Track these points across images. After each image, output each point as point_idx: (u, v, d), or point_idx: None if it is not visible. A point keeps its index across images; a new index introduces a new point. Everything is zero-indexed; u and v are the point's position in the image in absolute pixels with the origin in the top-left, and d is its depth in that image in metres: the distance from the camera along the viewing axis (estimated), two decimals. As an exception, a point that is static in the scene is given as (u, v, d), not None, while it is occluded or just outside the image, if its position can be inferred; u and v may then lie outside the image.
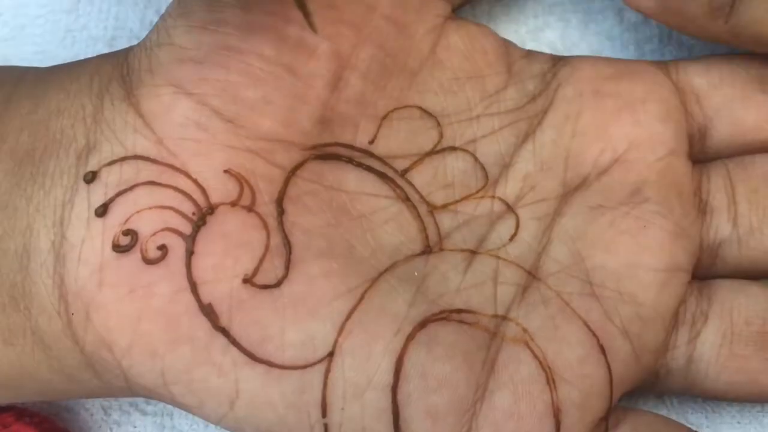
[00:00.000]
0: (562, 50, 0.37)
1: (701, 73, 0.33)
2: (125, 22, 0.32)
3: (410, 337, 0.27)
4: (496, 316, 0.28)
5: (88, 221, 0.27)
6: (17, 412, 0.33)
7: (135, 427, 0.34)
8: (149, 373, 0.27)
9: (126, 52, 0.30)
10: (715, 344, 0.30)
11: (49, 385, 0.28)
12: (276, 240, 0.27)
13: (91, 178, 0.27)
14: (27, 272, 0.27)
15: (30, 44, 0.39)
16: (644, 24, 0.38)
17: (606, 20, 0.37)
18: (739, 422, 0.32)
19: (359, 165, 0.30)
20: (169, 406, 0.34)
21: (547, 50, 0.36)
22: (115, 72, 0.29)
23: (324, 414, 0.26)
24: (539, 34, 0.37)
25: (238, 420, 0.27)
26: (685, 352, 0.30)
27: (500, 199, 0.31)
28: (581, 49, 0.37)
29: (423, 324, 0.27)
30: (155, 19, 0.37)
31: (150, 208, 0.27)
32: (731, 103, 0.32)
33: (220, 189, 0.27)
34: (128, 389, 0.28)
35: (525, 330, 0.28)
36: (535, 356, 0.28)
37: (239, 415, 0.27)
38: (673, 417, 0.33)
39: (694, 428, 0.30)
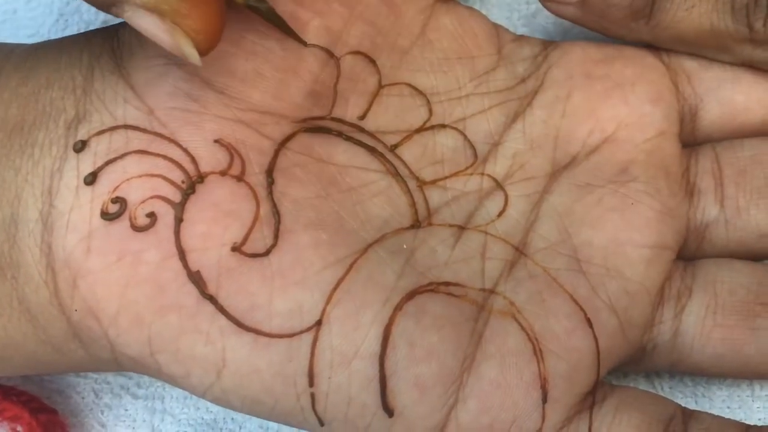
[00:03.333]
0: (555, 36, 0.37)
1: (691, 54, 0.33)
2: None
3: (398, 308, 0.27)
4: (483, 289, 0.29)
5: (77, 189, 0.27)
6: (4, 390, 0.33)
7: (126, 410, 0.34)
8: (135, 342, 0.27)
9: (117, 27, 0.30)
10: (699, 316, 0.30)
11: (35, 357, 0.28)
12: (265, 209, 0.27)
13: (80, 147, 0.27)
14: (14, 241, 0.27)
15: (23, 28, 0.39)
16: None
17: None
18: (729, 407, 0.32)
19: (349, 139, 0.30)
20: (161, 390, 0.34)
21: (540, 36, 0.36)
22: (106, 45, 0.29)
23: (311, 383, 0.26)
24: (532, 20, 0.38)
25: (224, 390, 0.27)
26: (671, 327, 0.30)
27: (489, 176, 0.31)
28: (574, 35, 0.37)
29: (411, 295, 0.27)
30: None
31: (139, 176, 0.27)
32: (721, 83, 0.33)
33: (210, 158, 0.27)
34: (114, 361, 0.28)
35: (512, 303, 0.28)
36: (523, 328, 0.28)
37: (226, 385, 0.27)
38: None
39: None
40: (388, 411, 0.26)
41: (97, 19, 0.39)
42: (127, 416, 0.34)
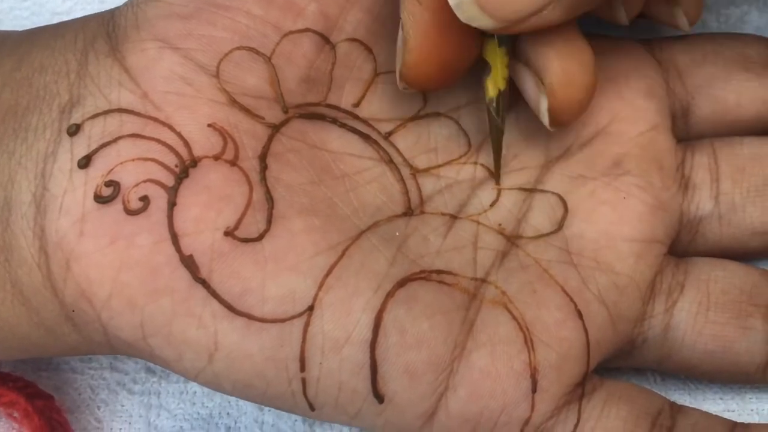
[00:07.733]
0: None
1: (684, 51, 0.33)
2: (110, 5, 0.32)
3: (390, 295, 0.27)
4: (475, 278, 0.29)
5: (71, 173, 0.27)
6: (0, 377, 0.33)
7: (122, 406, 0.34)
8: (128, 326, 0.27)
9: (112, 11, 0.30)
10: (691, 312, 0.30)
11: (29, 340, 0.28)
12: (258, 194, 0.27)
13: (74, 130, 0.27)
14: (7, 224, 0.27)
15: (17, 27, 0.39)
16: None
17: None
18: (721, 398, 0.33)
19: (343, 126, 0.30)
20: (156, 385, 0.34)
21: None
22: (101, 29, 0.29)
23: (302, 368, 0.26)
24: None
25: (216, 374, 0.27)
26: (662, 321, 0.30)
27: (483, 165, 0.31)
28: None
29: (403, 282, 0.27)
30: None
31: (133, 159, 0.27)
32: (713, 81, 0.33)
33: (204, 143, 0.27)
34: (107, 344, 0.28)
35: (504, 293, 0.28)
36: (514, 318, 0.28)
37: (217, 369, 0.27)
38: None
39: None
40: (379, 397, 0.27)
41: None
42: (124, 412, 0.34)
